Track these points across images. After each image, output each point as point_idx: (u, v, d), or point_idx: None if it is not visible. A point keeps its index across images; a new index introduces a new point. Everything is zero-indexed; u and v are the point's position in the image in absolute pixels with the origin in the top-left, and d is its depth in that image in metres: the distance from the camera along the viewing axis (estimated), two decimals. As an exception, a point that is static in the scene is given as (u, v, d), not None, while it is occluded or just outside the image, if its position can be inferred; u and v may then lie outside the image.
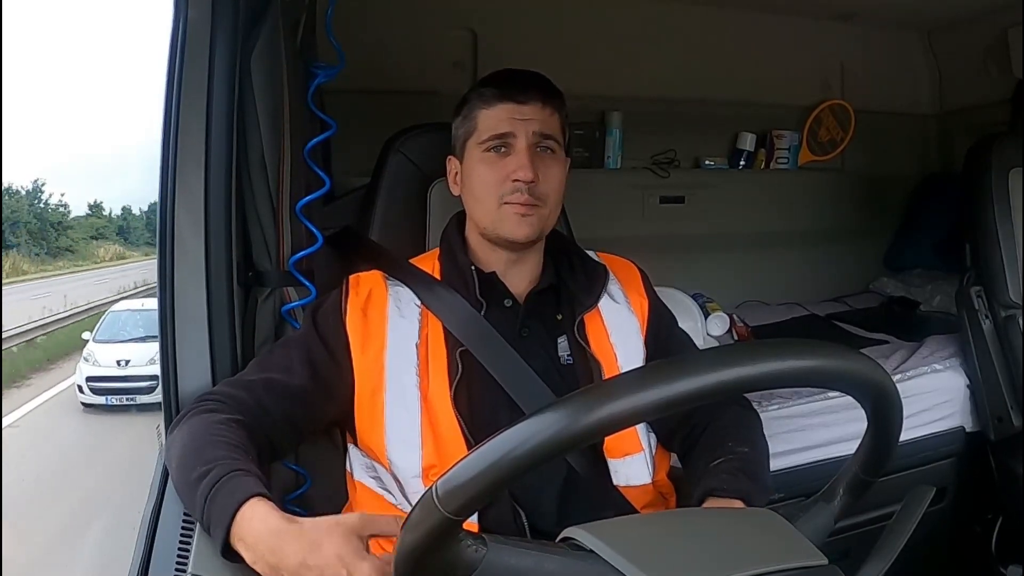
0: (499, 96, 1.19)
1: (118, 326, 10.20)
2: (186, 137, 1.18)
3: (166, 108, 1.18)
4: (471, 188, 1.22)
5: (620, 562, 0.69)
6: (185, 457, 1.00)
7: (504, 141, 1.18)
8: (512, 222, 1.17)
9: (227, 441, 1.00)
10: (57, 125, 29.47)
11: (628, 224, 2.38)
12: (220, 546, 0.91)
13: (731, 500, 1.05)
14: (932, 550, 1.48)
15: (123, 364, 9.06)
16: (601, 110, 2.41)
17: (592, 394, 0.66)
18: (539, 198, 1.17)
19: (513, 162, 1.17)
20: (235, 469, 0.94)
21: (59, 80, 32.56)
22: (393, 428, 1.13)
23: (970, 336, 2.03)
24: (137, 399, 8.69)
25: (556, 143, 1.21)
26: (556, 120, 1.21)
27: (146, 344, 9.34)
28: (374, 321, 1.17)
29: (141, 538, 1.04)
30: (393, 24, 2.07)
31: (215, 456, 0.97)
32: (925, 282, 2.59)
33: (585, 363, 1.21)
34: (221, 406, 1.08)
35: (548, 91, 1.21)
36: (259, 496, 0.91)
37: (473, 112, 1.21)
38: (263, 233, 1.30)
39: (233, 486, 0.92)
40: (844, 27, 2.56)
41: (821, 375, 0.71)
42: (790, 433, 1.86)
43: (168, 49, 1.18)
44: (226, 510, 0.90)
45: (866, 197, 2.74)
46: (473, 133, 1.21)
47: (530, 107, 1.18)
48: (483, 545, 0.70)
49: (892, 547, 0.84)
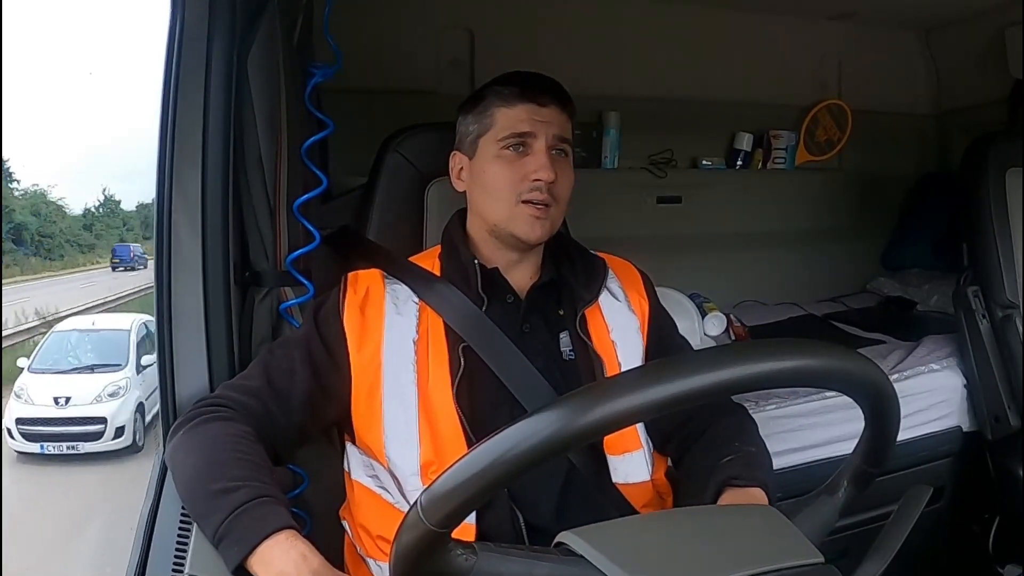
0: (520, 96, 1.20)
1: (62, 351, 8.08)
2: (183, 137, 1.18)
3: (163, 108, 1.18)
4: (484, 184, 1.22)
5: (609, 567, 0.69)
6: (204, 466, 1.02)
7: (523, 140, 1.19)
8: (526, 223, 1.18)
9: (252, 461, 1.03)
10: (66, 123, 29.43)
11: (625, 224, 2.38)
12: (234, 562, 0.93)
13: (750, 489, 1.05)
14: (929, 550, 1.48)
15: (62, 403, 7.20)
16: (598, 110, 2.41)
17: (578, 400, 0.65)
18: (554, 198, 1.19)
19: (533, 162, 1.18)
20: (265, 495, 0.98)
21: (69, 79, 32.61)
22: (391, 425, 1.13)
23: (967, 336, 2.03)
24: (80, 447, 7.02)
25: (569, 147, 1.23)
26: (570, 126, 1.24)
27: (95, 375, 7.63)
28: (371, 319, 1.18)
29: (138, 538, 1.04)
30: (390, 24, 2.07)
31: (242, 475, 1.00)
32: (922, 282, 2.60)
33: (587, 359, 1.21)
34: (235, 415, 1.09)
35: (565, 97, 1.23)
36: (291, 529, 0.96)
37: (490, 109, 1.22)
38: (260, 232, 1.30)
39: (264, 512, 0.96)
40: (841, 27, 2.56)
41: (818, 375, 0.71)
42: (788, 433, 1.87)
43: (165, 49, 1.18)
44: (254, 532, 0.94)
45: (863, 197, 2.74)
46: (489, 130, 1.21)
47: (550, 110, 1.20)
48: (473, 554, 0.70)
49: (889, 547, 0.84)
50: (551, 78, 1.24)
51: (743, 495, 1.04)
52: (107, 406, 7.29)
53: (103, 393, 7.41)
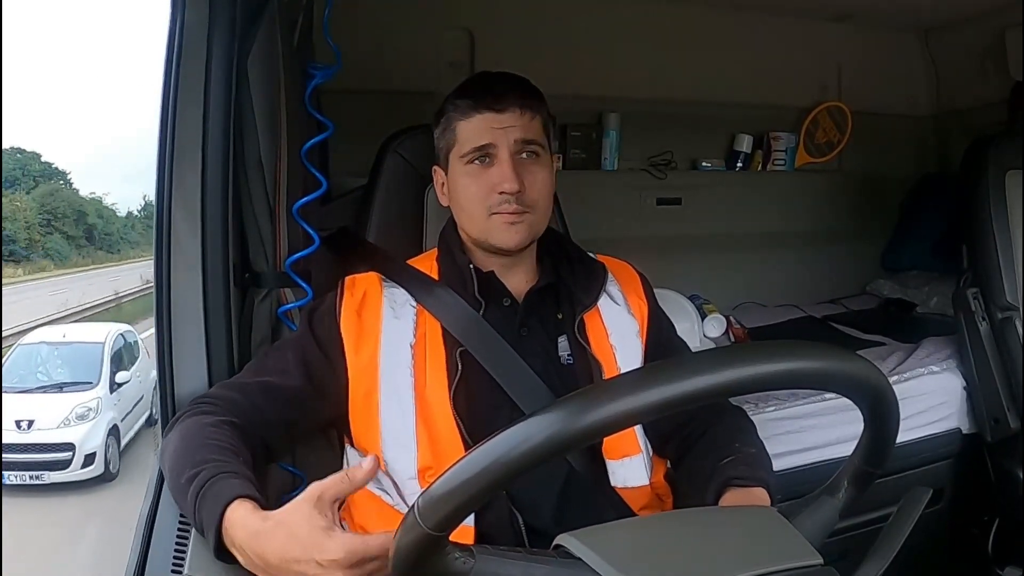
0: (475, 106, 1.18)
1: (30, 367, 7.32)
2: (183, 138, 1.18)
3: (163, 109, 1.18)
4: (457, 200, 1.22)
5: (607, 570, 0.69)
6: (177, 460, 1.00)
7: (485, 152, 1.18)
8: (502, 231, 1.18)
9: (218, 443, 1.00)
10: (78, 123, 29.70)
11: (625, 225, 2.38)
12: (213, 549, 0.91)
13: (752, 488, 1.04)
14: (929, 551, 1.48)
15: (25, 427, 6.50)
16: (598, 111, 2.41)
17: (575, 402, 0.65)
18: (527, 205, 1.17)
19: (496, 173, 1.16)
20: (223, 471, 0.94)
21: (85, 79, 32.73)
22: (388, 429, 1.13)
23: (967, 338, 2.03)
24: (46, 476, 6.36)
25: (540, 146, 1.20)
26: (537, 123, 1.20)
27: (64, 395, 6.91)
28: (368, 322, 1.17)
29: (137, 540, 1.04)
30: (390, 25, 2.07)
31: (204, 458, 0.97)
32: (922, 284, 2.60)
33: (585, 363, 1.20)
34: (215, 408, 1.08)
35: (525, 94, 1.20)
36: (242, 498, 0.91)
37: (451, 124, 1.20)
38: (260, 234, 1.30)
39: (219, 489, 0.92)
40: (841, 28, 2.56)
41: (817, 377, 0.71)
42: (787, 435, 1.87)
43: (165, 50, 1.18)
44: (213, 513, 0.90)
45: (863, 198, 2.74)
46: (454, 146, 1.20)
47: (508, 114, 1.17)
48: (471, 557, 0.70)
49: (889, 548, 0.84)
50: (508, 76, 1.21)
51: (745, 495, 1.03)
52: (75, 430, 6.62)
53: (71, 416, 6.72)
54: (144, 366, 7.74)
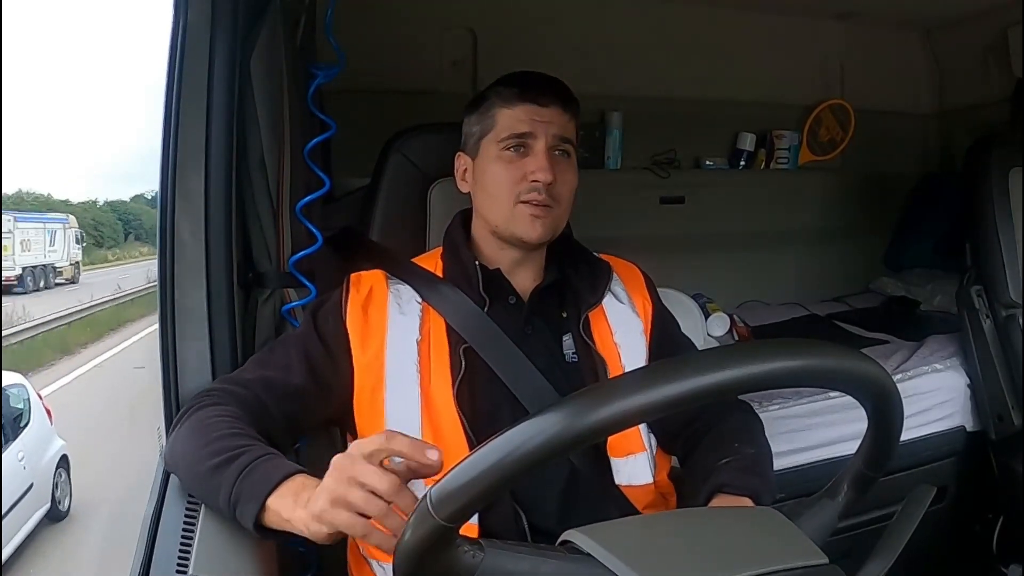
0: (520, 96, 1.20)
1: None
2: (186, 138, 1.18)
3: (166, 109, 1.18)
4: (485, 185, 1.22)
5: (616, 564, 0.69)
6: (198, 449, 1.00)
7: (523, 141, 1.19)
8: (526, 222, 1.18)
9: (247, 433, 1.01)
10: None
11: (628, 224, 2.37)
12: (252, 519, 0.91)
13: (740, 497, 1.05)
14: (933, 550, 1.48)
15: None
16: (601, 110, 2.40)
17: (587, 397, 0.65)
18: (554, 199, 1.19)
19: (532, 163, 1.18)
20: (268, 452, 0.97)
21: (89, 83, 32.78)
22: (394, 425, 1.12)
23: (970, 335, 2.03)
24: None
25: (572, 147, 1.22)
26: (573, 126, 1.23)
27: None
28: (374, 319, 1.18)
29: (142, 541, 1.03)
30: (393, 24, 2.07)
31: (241, 444, 0.98)
32: (925, 281, 2.59)
33: (590, 361, 1.21)
34: (222, 401, 1.08)
35: (568, 97, 1.23)
36: (300, 474, 0.93)
37: (492, 110, 1.22)
38: (263, 234, 1.30)
39: (274, 465, 0.94)
40: (844, 27, 2.56)
41: (821, 375, 0.71)
42: (791, 433, 1.86)
43: (168, 51, 1.18)
44: (268, 483, 0.91)
45: (866, 197, 2.73)
46: (491, 131, 1.22)
47: (551, 110, 1.20)
48: (480, 550, 0.70)
49: (893, 547, 0.84)
50: (554, 78, 1.24)
51: (732, 503, 1.04)
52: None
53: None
54: (38, 435, 5.48)
